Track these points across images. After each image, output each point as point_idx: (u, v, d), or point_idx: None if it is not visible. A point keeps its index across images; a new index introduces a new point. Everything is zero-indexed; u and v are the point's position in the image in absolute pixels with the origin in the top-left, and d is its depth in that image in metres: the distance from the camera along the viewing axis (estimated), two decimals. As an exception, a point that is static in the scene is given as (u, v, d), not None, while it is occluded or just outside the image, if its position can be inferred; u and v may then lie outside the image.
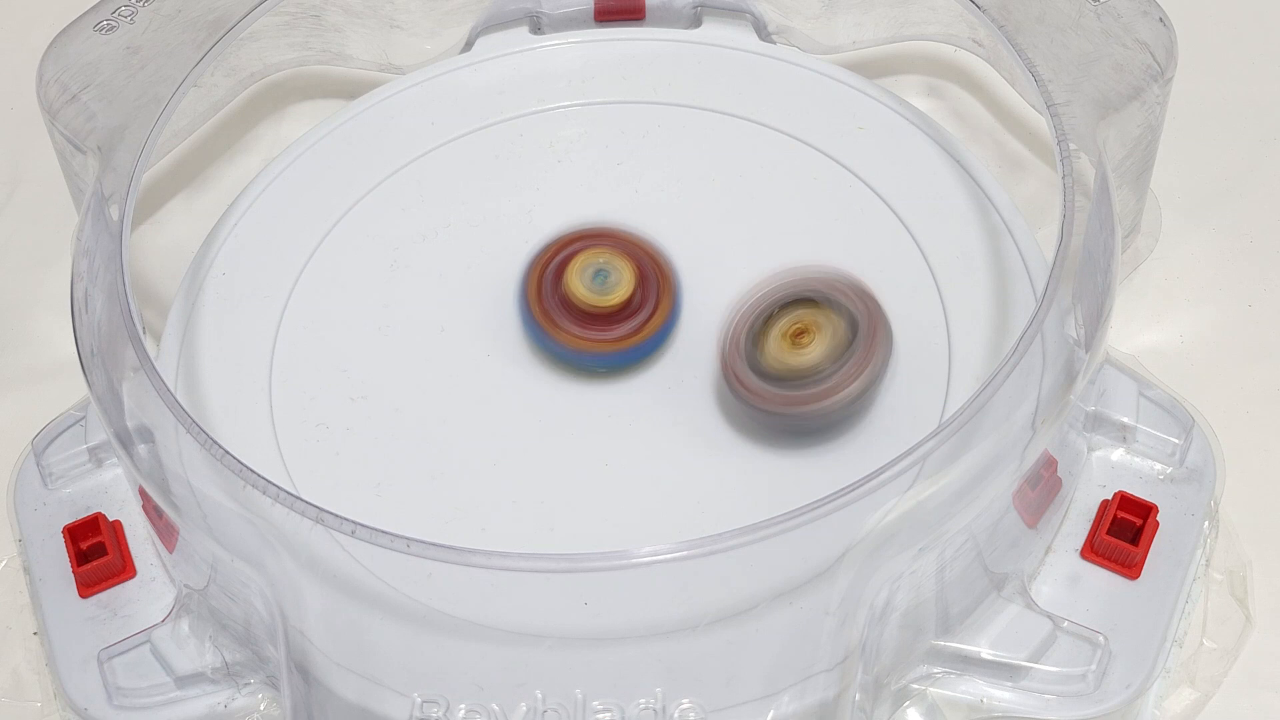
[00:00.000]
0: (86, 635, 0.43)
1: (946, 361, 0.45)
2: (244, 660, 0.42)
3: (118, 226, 0.43)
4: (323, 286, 0.48)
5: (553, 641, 0.39)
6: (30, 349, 0.53)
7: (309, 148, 0.52)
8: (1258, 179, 0.55)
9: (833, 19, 0.54)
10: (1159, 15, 0.47)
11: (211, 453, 0.39)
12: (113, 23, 0.49)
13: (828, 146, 0.50)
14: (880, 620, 0.39)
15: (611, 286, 0.44)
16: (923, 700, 0.42)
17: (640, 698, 0.38)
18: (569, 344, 0.44)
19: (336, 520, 0.37)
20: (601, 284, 0.44)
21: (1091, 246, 0.42)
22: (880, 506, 0.39)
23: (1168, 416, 0.45)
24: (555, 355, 0.45)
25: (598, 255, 0.45)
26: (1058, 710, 0.41)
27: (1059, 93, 0.45)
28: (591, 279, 0.44)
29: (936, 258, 0.47)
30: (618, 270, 0.45)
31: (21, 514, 0.46)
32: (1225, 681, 0.43)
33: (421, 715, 0.38)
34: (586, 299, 0.44)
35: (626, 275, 0.45)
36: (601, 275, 0.44)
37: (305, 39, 0.55)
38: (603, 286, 0.44)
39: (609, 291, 0.44)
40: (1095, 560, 0.43)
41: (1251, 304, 0.52)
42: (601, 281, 0.44)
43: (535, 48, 0.54)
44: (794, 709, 0.38)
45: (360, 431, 0.45)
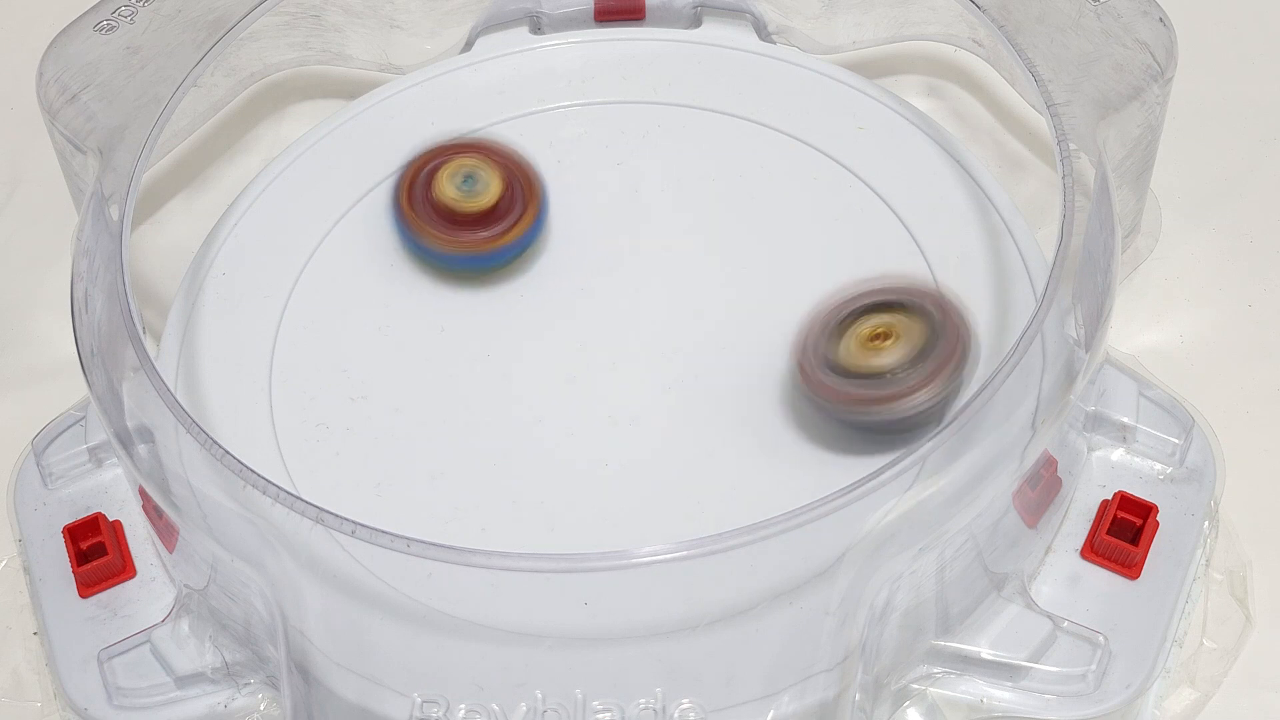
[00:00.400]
0: (86, 635, 0.43)
1: (946, 361, 0.45)
2: (244, 660, 0.42)
3: (118, 226, 0.43)
4: (323, 286, 0.48)
5: (553, 641, 0.39)
6: (30, 349, 0.53)
7: (309, 148, 0.52)
8: (1258, 179, 0.55)
9: (833, 19, 0.54)
10: (1159, 15, 0.47)
11: (211, 453, 0.39)
12: (113, 23, 0.49)
13: (828, 146, 0.50)
14: (880, 620, 0.39)
15: (479, 192, 0.46)
16: (923, 700, 0.42)
17: (640, 698, 0.38)
18: (436, 246, 0.47)
19: (336, 520, 0.37)
20: (469, 189, 0.46)
21: (1091, 246, 0.42)
22: (880, 506, 0.39)
23: (1168, 416, 0.45)
24: (424, 256, 0.48)
25: (466, 162, 0.47)
26: (1058, 710, 0.41)
27: (1059, 93, 0.45)
28: (460, 184, 0.46)
29: (936, 258, 0.47)
30: (485, 177, 0.47)
31: (21, 514, 0.46)
32: (1225, 681, 0.43)
33: (421, 715, 0.38)
34: (454, 202, 0.46)
35: (494, 182, 0.47)
36: (470, 180, 0.46)
37: (305, 39, 0.55)
38: (470, 191, 0.46)
39: (477, 196, 0.46)
40: (1095, 560, 0.43)
41: (1251, 304, 0.52)
42: (470, 186, 0.46)
43: (535, 48, 0.54)
44: (794, 709, 0.38)
45: (360, 431, 0.45)
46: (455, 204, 0.46)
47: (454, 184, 0.46)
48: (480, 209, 0.46)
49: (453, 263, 0.47)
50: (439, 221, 0.47)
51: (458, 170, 0.47)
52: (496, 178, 0.47)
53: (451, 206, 0.46)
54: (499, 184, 0.47)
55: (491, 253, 0.47)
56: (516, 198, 0.47)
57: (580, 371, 0.46)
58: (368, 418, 0.45)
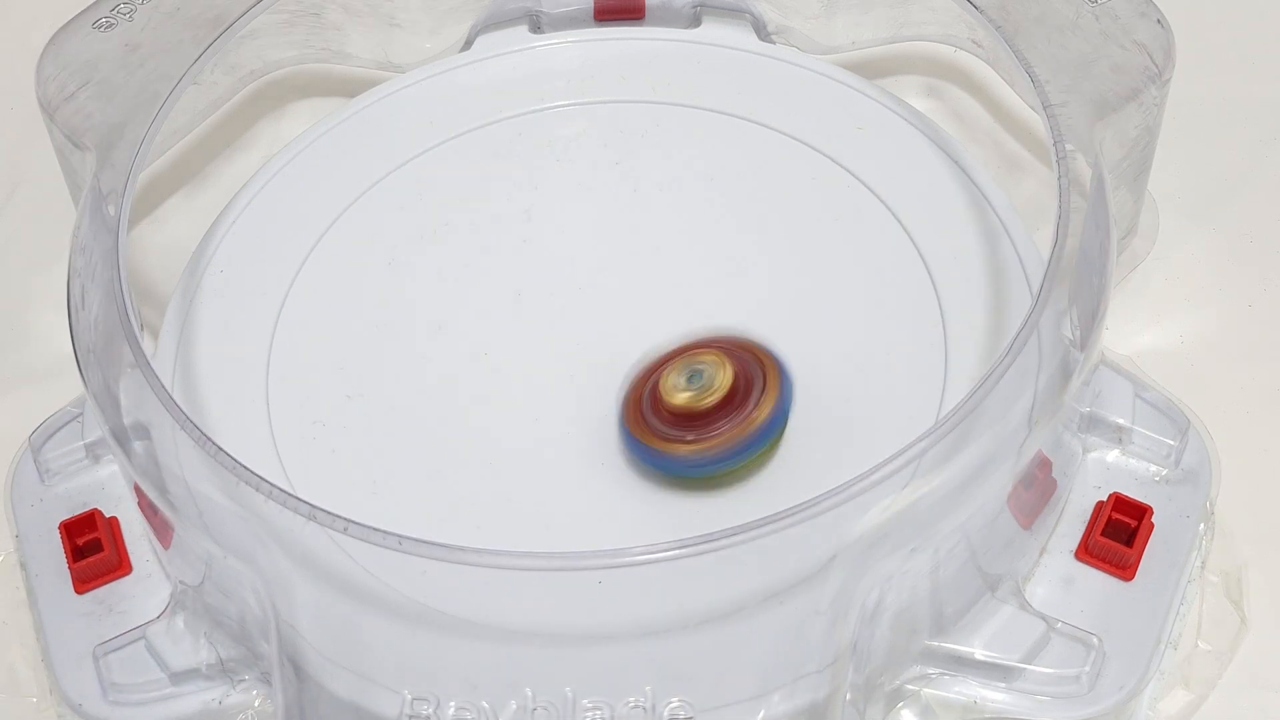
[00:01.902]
0: (82, 631, 0.43)
1: (943, 361, 0.45)
2: (238, 657, 0.42)
3: (115, 223, 0.43)
4: (320, 284, 0.48)
5: (544, 639, 0.39)
6: (30, 347, 0.53)
7: (308, 146, 0.52)
8: (1258, 179, 0.55)
9: (832, 19, 0.54)
10: (1157, 17, 0.47)
11: (206, 450, 0.39)
12: (112, 20, 0.49)
13: (826, 147, 0.50)
14: (872, 620, 0.39)
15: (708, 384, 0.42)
16: (916, 701, 0.42)
17: (630, 696, 0.38)
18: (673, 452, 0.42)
19: (330, 518, 0.37)
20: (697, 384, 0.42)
21: (1087, 247, 0.42)
22: (874, 506, 0.39)
23: (1163, 418, 0.45)
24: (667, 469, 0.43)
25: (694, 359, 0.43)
26: (1051, 711, 0.41)
27: (1056, 93, 0.44)
28: (685, 381, 0.43)
29: (934, 258, 0.47)
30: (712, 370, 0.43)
31: (18, 510, 0.46)
32: (1220, 683, 0.43)
33: (412, 712, 0.38)
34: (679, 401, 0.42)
35: (723, 373, 0.43)
36: (695, 376, 0.43)
37: (305, 37, 0.55)
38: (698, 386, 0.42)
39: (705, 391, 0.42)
40: (1090, 561, 0.43)
41: (1251, 304, 0.52)
42: (696, 381, 0.43)
43: (535, 47, 0.54)
44: (785, 709, 0.38)
45: (357, 429, 0.45)
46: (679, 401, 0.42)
47: (679, 381, 0.42)
48: (709, 405, 0.42)
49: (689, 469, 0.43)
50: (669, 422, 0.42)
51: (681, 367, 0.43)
52: (725, 369, 0.42)
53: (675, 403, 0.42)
54: (729, 375, 0.42)
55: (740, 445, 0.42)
56: (753, 389, 0.42)
57: (578, 371, 0.46)
58: (364, 416, 0.45)
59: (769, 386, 0.43)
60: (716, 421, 0.42)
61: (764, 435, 0.42)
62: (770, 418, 0.42)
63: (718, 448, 0.42)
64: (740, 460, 0.42)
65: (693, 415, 0.42)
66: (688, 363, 0.43)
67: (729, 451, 0.42)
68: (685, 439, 0.42)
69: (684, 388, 0.42)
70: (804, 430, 0.44)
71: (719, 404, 0.42)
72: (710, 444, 0.42)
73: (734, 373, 0.42)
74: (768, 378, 0.43)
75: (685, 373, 0.43)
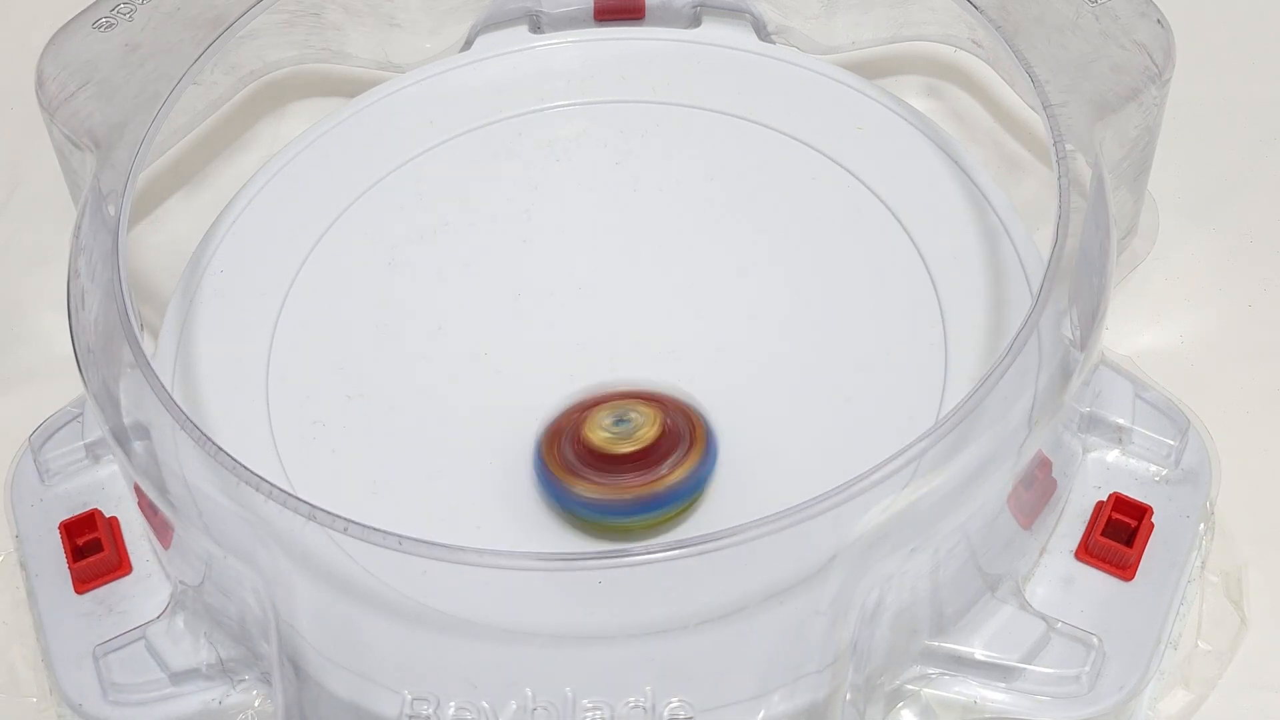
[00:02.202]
0: (82, 631, 0.43)
1: (943, 361, 0.45)
2: (238, 657, 0.42)
3: (115, 223, 0.43)
4: (320, 284, 0.48)
5: (544, 639, 0.39)
6: (30, 347, 0.53)
7: (308, 145, 0.52)
8: (1258, 179, 0.55)
9: (832, 19, 0.54)
10: (1157, 17, 0.47)
11: (206, 450, 0.39)
12: (112, 20, 0.49)
13: (826, 147, 0.50)
14: (872, 620, 0.39)
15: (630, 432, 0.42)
16: (916, 701, 0.42)
17: (630, 696, 0.38)
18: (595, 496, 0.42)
19: (329, 518, 0.37)
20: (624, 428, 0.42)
21: (1087, 247, 0.42)
22: (874, 506, 0.39)
23: (1163, 418, 0.45)
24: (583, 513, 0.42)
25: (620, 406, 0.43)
26: (1051, 711, 0.41)
27: (1056, 93, 0.44)
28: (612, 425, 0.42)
29: (934, 258, 0.47)
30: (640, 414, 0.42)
31: (18, 510, 0.46)
32: (1220, 683, 0.43)
33: (412, 712, 0.38)
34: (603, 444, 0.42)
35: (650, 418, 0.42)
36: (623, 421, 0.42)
37: (305, 37, 0.55)
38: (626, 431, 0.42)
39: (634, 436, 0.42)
40: (1090, 561, 0.43)
41: (1251, 304, 0.52)
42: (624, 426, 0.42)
43: (535, 47, 0.54)
44: (785, 709, 0.38)
45: (357, 429, 0.45)
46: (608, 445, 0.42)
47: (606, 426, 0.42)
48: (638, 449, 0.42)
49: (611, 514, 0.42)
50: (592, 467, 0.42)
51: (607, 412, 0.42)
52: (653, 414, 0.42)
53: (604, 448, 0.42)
54: (656, 421, 0.42)
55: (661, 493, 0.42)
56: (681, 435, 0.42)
57: (578, 371, 0.46)
58: (364, 415, 0.45)
59: (690, 455, 0.42)
60: (625, 471, 0.41)
61: (669, 500, 0.42)
62: (679, 484, 0.41)
63: (616, 498, 0.41)
64: (636, 518, 0.41)
65: (605, 458, 0.42)
66: (620, 407, 0.43)
67: (626, 505, 0.41)
68: (590, 478, 0.41)
69: (608, 428, 0.42)
70: (804, 430, 0.44)
71: (633, 454, 0.42)
72: (610, 491, 0.41)
73: (660, 430, 0.42)
74: (693, 446, 0.42)
75: (614, 415, 0.42)
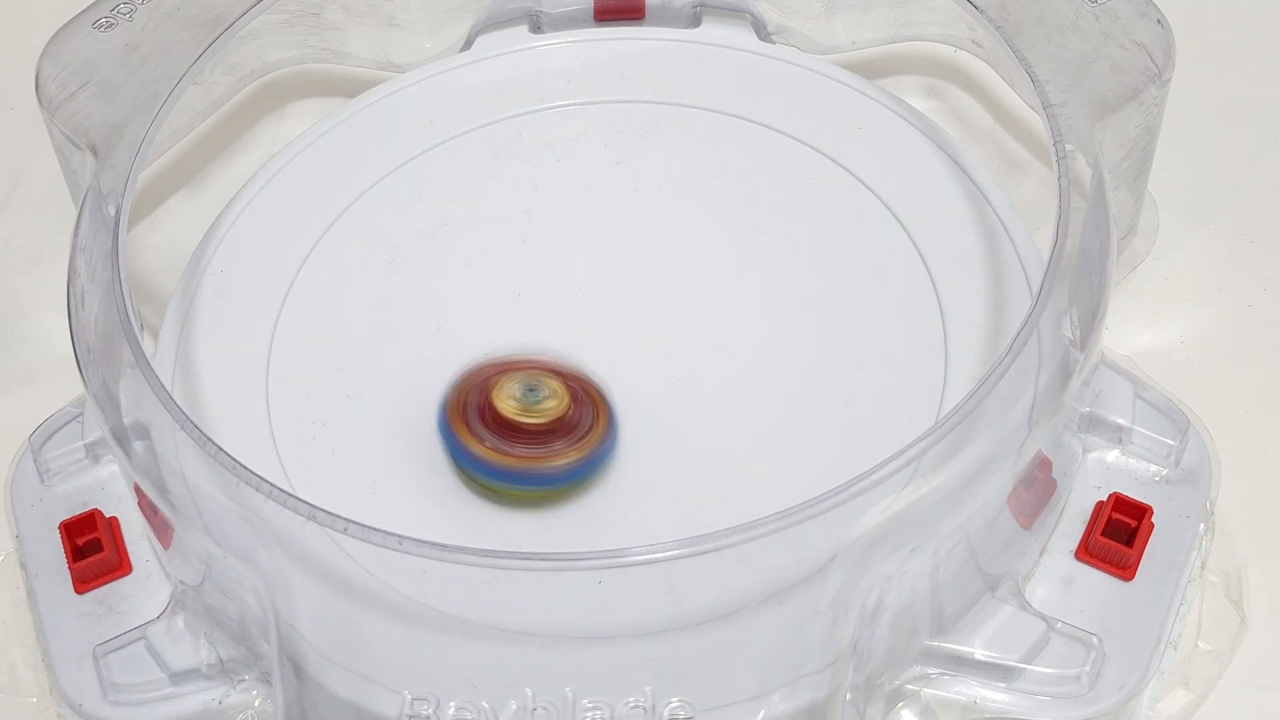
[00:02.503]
0: (82, 631, 0.43)
1: (943, 362, 0.45)
2: (238, 657, 0.42)
3: (115, 223, 0.43)
4: (320, 284, 0.48)
5: (544, 639, 0.39)
6: (30, 347, 0.53)
7: (308, 145, 0.52)
8: (1258, 179, 0.55)
9: (832, 19, 0.54)
10: (1157, 17, 0.47)
11: (206, 450, 0.39)
12: (112, 20, 0.49)
13: (826, 146, 0.50)
14: (872, 620, 0.39)
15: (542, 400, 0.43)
16: (916, 701, 0.42)
17: (630, 696, 0.38)
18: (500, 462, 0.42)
19: (329, 518, 0.37)
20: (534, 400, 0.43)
21: (1087, 247, 0.42)
22: (874, 506, 0.39)
23: (1163, 418, 0.45)
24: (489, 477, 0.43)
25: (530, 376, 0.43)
26: (1051, 711, 0.41)
27: (1056, 93, 0.44)
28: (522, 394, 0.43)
29: (934, 258, 0.47)
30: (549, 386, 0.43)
31: (18, 510, 0.46)
32: (1220, 683, 0.43)
33: (412, 712, 0.38)
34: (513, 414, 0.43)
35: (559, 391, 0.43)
36: (532, 391, 0.43)
37: (305, 37, 0.55)
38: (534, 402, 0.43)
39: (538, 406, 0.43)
40: (1090, 561, 0.43)
41: (1251, 304, 0.52)
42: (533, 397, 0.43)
43: (535, 46, 0.54)
44: (785, 709, 0.38)
45: (357, 429, 0.45)
46: (516, 415, 0.42)
47: (515, 396, 0.43)
48: (547, 421, 0.42)
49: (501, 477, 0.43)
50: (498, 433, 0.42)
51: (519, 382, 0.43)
52: (561, 387, 0.43)
53: (512, 418, 0.42)
54: (564, 394, 0.43)
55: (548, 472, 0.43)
56: (584, 409, 0.43)
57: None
58: (364, 415, 0.45)
59: (589, 435, 0.43)
60: (518, 441, 0.42)
61: (558, 478, 0.42)
62: (572, 466, 0.42)
63: (507, 463, 0.42)
64: (521, 486, 0.42)
65: (508, 426, 0.42)
66: (531, 377, 0.43)
67: (514, 472, 0.42)
68: (484, 442, 0.42)
69: (517, 397, 0.42)
70: (805, 430, 0.44)
71: (543, 427, 0.42)
72: (504, 457, 0.42)
73: (567, 406, 0.42)
74: (593, 428, 0.43)
75: (524, 385, 0.43)
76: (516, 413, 0.42)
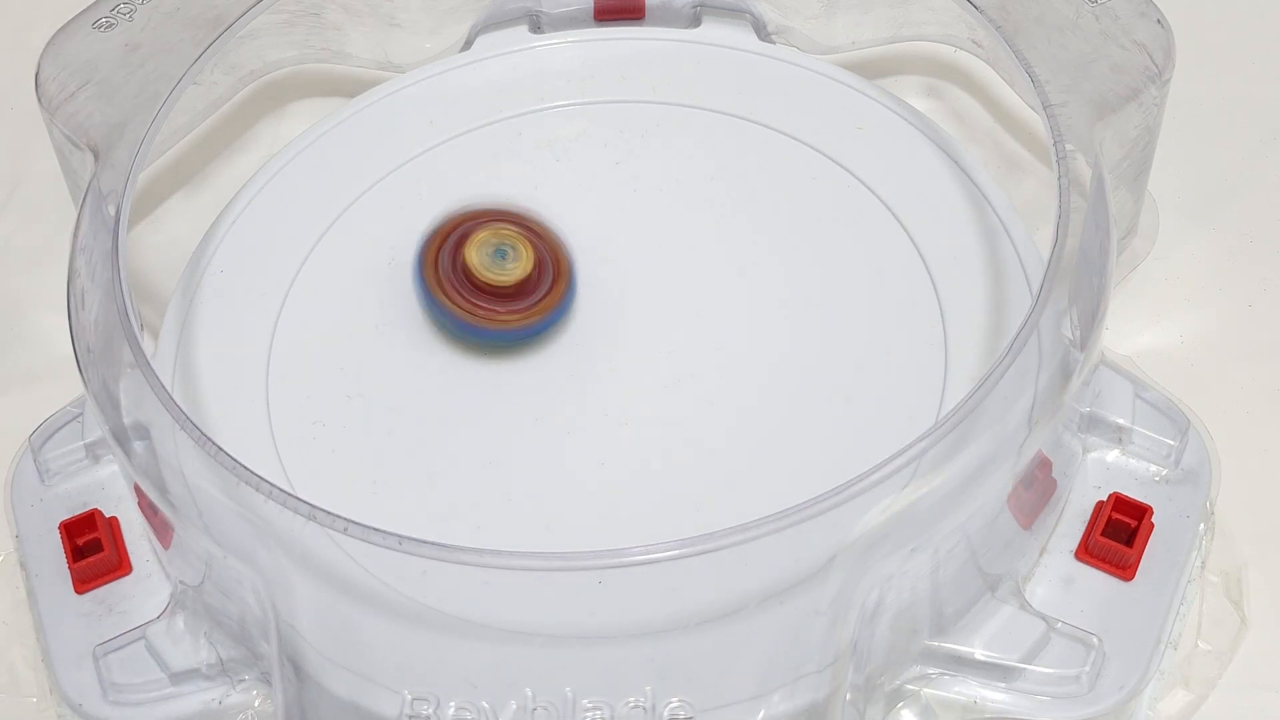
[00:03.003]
0: (82, 631, 0.43)
1: (943, 361, 0.45)
2: (238, 657, 0.42)
3: (115, 223, 0.43)
4: (320, 284, 0.48)
5: (544, 639, 0.39)
6: (30, 348, 0.53)
7: (308, 146, 0.52)
8: (1258, 179, 0.55)
9: (832, 19, 0.54)
10: (1157, 17, 0.47)
11: (206, 450, 0.39)
12: (112, 20, 0.49)
13: (826, 146, 0.50)
14: (872, 620, 0.39)
15: (510, 264, 0.45)
16: (916, 701, 0.42)
17: (630, 696, 0.38)
18: (462, 317, 0.45)
19: (329, 518, 0.37)
20: (501, 261, 0.45)
21: (1087, 247, 0.42)
22: (874, 506, 0.39)
23: (1163, 418, 0.45)
24: (448, 328, 0.46)
25: (499, 234, 0.46)
26: (1051, 711, 0.41)
27: (1056, 93, 0.44)
28: (491, 256, 0.45)
29: (933, 258, 0.47)
30: (517, 250, 0.46)
31: (18, 510, 0.46)
32: (1220, 683, 0.43)
33: (412, 712, 0.38)
34: (485, 275, 0.45)
35: (525, 255, 0.45)
36: (501, 253, 0.45)
37: (305, 37, 0.55)
38: (502, 264, 0.45)
39: (507, 270, 0.45)
40: (1090, 561, 0.43)
41: (1251, 304, 0.52)
42: (501, 258, 0.45)
43: (535, 46, 0.54)
44: (785, 709, 0.38)
45: (357, 429, 0.45)
46: (485, 275, 0.45)
47: (485, 255, 0.45)
48: (510, 282, 0.45)
49: (472, 334, 0.46)
50: (466, 290, 0.45)
51: (489, 241, 0.45)
52: (529, 252, 0.46)
53: (481, 277, 0.45)
54: (530, 259, 0.45)
55: (515, 329, 0.46)
56: (545, 275, 0.46)
57: (577, 370, 0.46)
58: (364, 416, 0.45)
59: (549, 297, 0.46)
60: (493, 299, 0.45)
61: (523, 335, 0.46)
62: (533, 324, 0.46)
63: (532, 318, 0.45)
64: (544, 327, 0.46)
65: (476, 283, 0.45)
66: (504, 237, 0.46)
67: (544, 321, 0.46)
68: (498, 314, 0.45)
69: (490, 265, 0.45)
70: (805, 430, 0.44)
71: (503, 288, 0.45)
72: (526, 315, 0.45)
73: (532, 267, 0.45)
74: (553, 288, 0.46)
75: (495, 246, 0.45)
76: (499, 276, 0.45)
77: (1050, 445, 0.42)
